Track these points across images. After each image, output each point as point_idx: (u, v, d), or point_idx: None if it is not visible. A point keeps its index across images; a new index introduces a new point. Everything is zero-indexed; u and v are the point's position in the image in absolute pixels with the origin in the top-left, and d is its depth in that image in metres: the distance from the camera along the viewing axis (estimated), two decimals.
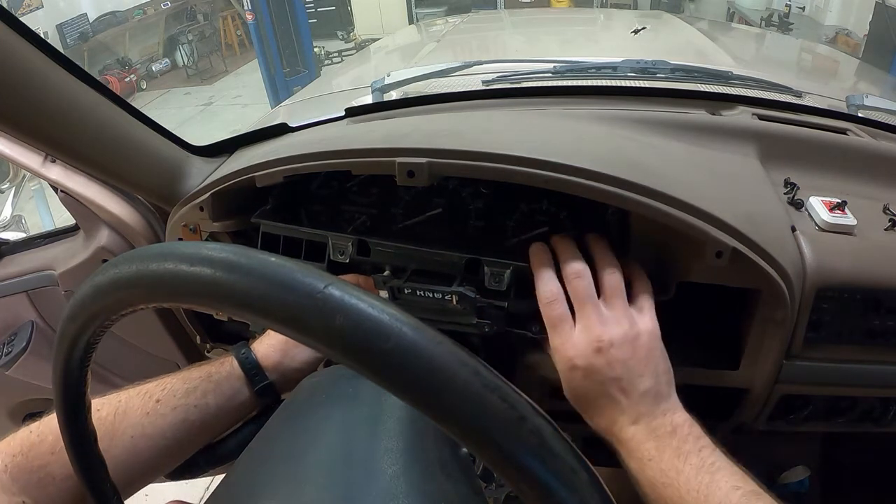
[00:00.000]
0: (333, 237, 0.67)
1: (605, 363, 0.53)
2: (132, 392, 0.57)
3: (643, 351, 0.54)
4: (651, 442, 0.51)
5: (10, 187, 2.41)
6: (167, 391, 0.57)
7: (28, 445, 0.51)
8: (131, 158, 0.74)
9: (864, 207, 0.69)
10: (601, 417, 0.55)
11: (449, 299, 0.61)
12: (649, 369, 0.54)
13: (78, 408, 0.38)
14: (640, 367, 0.53)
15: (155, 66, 8.10)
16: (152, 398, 0.56)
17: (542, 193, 0.57)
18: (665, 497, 0.49)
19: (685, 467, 0.48)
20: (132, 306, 0.32)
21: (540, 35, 2.35)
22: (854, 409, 0.69)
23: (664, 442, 0.51)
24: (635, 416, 0.52)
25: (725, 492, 0.46)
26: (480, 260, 0.62)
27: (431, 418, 0.26)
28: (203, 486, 1.88)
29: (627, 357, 0.53)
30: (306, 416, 0.50)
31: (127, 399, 0.56)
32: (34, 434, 0.52)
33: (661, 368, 0.55)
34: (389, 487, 0.40)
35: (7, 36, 0.55)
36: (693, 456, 0.49)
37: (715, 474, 0.47)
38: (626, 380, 0.53)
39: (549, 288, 0.56)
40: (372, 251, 0.66)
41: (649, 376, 0.53)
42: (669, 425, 0.52)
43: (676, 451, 0.50)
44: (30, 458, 0.50)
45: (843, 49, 4.75)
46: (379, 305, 0.26)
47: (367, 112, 0.94)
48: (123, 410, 0.55)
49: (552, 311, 0.56)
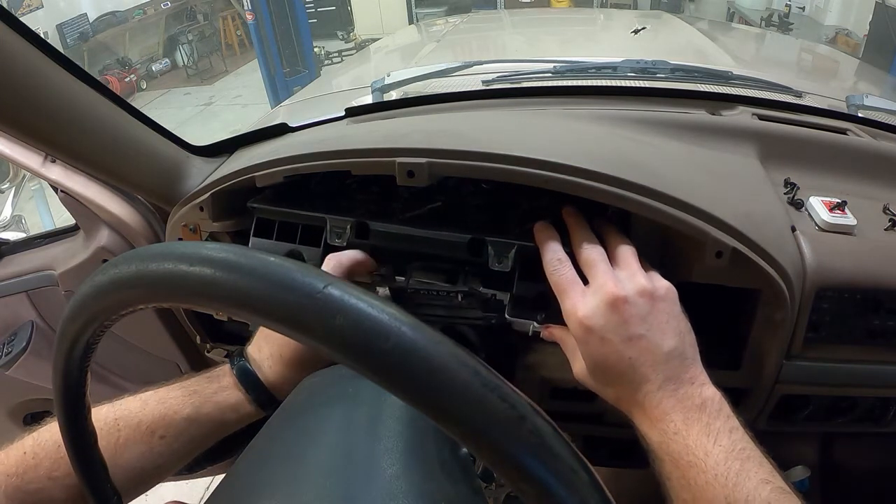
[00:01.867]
0: (331, 219, 0.65)
1: (621, 320, 0.48)
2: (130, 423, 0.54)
3: (663, 307, 0.50)
4: (678, 413, 0.46)
5: (10, 187, 2.41)
6: (168, 424, 0.55)
7: (23, 468, 0.50)
8: (131, 158, 0.74)
9: (864, 207, 0.69)
10: (622, 386, 0.49)
11: (454, 295, 0.61)
12: (671, 327, 0.49)
13: (78, 408, 0.38)
14: (662, 324, 0.49)
15: (155, 66, 8.11)
16: (155, 434, 0.54)
17: (542, 192, 0.57)
18: (688, 478, 0.44)
19: (714, 449, 0.44)
20: (132, 306, 0.32)
21: (540, 35, 2.35)
22: (854, 409, 0.69)
23: (692, 416, 0.46)
24: (661, 381, 0.48)
25: (755, 484, 0.42)
26: (484, 240, 0.60)
27: (431, 418, 0.26)
28: (203, 486, 1.88)
29: (646, 313, 0.49)
30: (306, 416, 0.50)
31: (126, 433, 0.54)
32: (29, 456, 0.51)
33: (684, 328, 0.50)
34: (389, 487, 0.40)
35: (7, 36, 0.55)
36: (723, 437, 0.45)
37: (745, 462, 0.43)
38: (647, 337, 0.48)
39: (557, 255, 0.53)
40: (371, 233, 0.64)
41: (672, 335, 0.49)
42: (699, 397, 0.47)
43: (706, 428, 0.45)
44: (25, 481, 0.50)
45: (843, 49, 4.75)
46: (379, 305, 0.26)
47: (367, 112, 0.94)
48: (124, 443, 0.54)
49: (561, 275, 0.52)
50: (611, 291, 0.49)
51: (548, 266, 0.53)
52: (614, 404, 0.51)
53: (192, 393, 0.57)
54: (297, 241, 0.68)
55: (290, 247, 0.66)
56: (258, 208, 0.70)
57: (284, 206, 0.68)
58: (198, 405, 0.56)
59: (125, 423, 0.54)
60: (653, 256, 0.61)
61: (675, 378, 0.48)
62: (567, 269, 0.52)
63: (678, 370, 0.48)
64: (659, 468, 0.47)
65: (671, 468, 0.46)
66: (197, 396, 0.57)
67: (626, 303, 0.48)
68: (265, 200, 0.70)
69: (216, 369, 0.61)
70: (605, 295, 0.49)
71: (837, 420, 0.70)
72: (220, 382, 0.59)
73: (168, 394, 0.57)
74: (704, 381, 0.48)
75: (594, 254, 0.52)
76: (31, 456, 0.51)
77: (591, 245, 0.53)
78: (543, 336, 0.60)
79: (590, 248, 0.53)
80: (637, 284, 0.50)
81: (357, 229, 0.64)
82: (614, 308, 0.48)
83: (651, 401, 0.48)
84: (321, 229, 0.66)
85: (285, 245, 0.67)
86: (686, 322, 0.51)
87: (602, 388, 0.52)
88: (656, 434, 0.47)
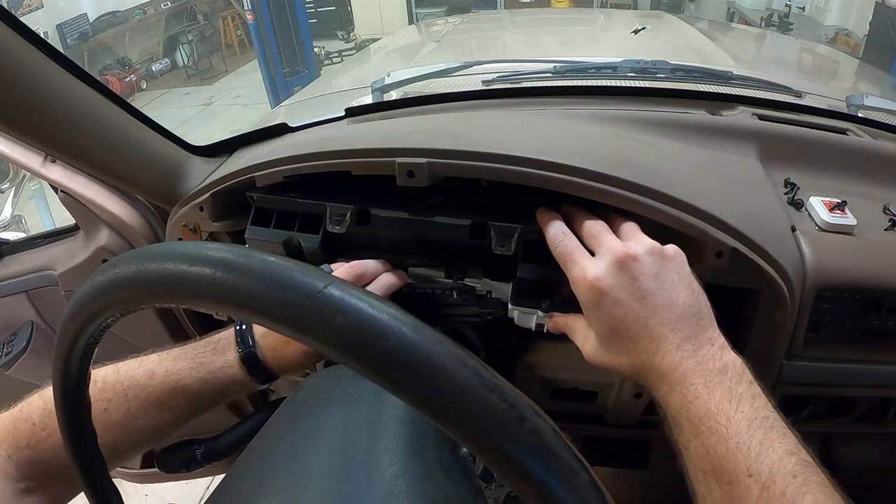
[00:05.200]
0: (332, 206, 0.64)
1: (632, 278, 0.46)
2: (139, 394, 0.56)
3: (673, 266, 0.48)
4: (699, 377, 0.44)
5: (10, 187, 2.41)
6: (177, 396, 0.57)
7: (35, 439, 0.51)
8: (131, 158, 0.74)
9: (864, 207, 0.69)
10: (637, 351, 0.47)
11: (449, 294, 0.61)
12: (684, 285, 0.47)
13: (78, 408, 0.38)
14: (674, 281, 0.47)
15: (155, 66, 8.10)
16: (163, 405, 0.56)
17: (542, 191, 0.57)
18: (708, 445, 0.41)
19: (737, 415, 0.41)
20: (132, 306, 0.32)
21: (540, 35, 2.35)
22: (854, 409, 0.69)
23: (714, 379, 0.43)
24: (678, 340, 0.45)
25: (780, 455, 0.39)
26: (486, 223, 0.60)
27: (431, 418, 0.26)
28: (203, 486, 1.89)
29: (657, 270, 0.47)
30: (307, 416, 0.50)
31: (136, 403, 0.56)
32: (38, 427, 0.52)
33: (697, 288, 0.48)
34: (389, 487, 0.40)
35: (7, 36, 0.55)
36: (746, 403, 0.42)
37: (769, 431, 0.40)
38: (660, 294, 0.46)
39: (560, 229, 0.52)
40: (372, 219, 0.63)
41: (686, 292, 0.47)
42: (719, 360, 0.44)
43: (728, 392, 0.42)
44: (37, 451, 0.51)
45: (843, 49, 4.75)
46: (379, 305, 0.26)
47: (367, 112, 0.94)
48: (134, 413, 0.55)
49: (565, 245, 0.51)
50: (619, 250, 0.48)
51: (552, 241, 0.52)
52: (631, 375, 0.49)
53: (198, 366, 0.58)
54: (296, 228, 0.66)
55: (289, 234, 0.66)
56: (257, 197, 0.69)
57: (283, 195, 0.68)
58: (205, 380, 0.57)
59: (134, 394, 0.55)
60: None
61: (693, 338, 0.45)
62: (571, 240, 0.51)
63: (696, 329, 0.46)
64: (677, 436, 0.45)
65: (690, 435, 0.43)
66: (204, 371, 0.57)
67: (636, 260, 0.47)
68: (264, 190, 0.70)
69: (221, 337, 0.60)
70: (613, 255, 0.47)
71: (837, 420, 0.70)
72: (226, 356, 0.59)
73: (175, 365, 0.57)
74: (724, 344, 0.46)
75: (597, 226, 0.51)
76: (40, 427, 0.51)
77: (593, 220, 0.52)
78: (549, 328, 0.59)
79: (592, 222, 0.52)
80: (644, 244, 0.48)
81: (357, 216, 0.64)
82: (624, 267, 0.47)
83: (670, 362, 0.45)
84: (320, 217, 0.65)
85: (283, 233, 0.66)
86: (699, 283, 0.49)
87: (616, 359, 0.49)
88: (675, 398, 0.44)
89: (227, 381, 0.58)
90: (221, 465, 0.62)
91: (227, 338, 0.60)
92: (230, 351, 0.59)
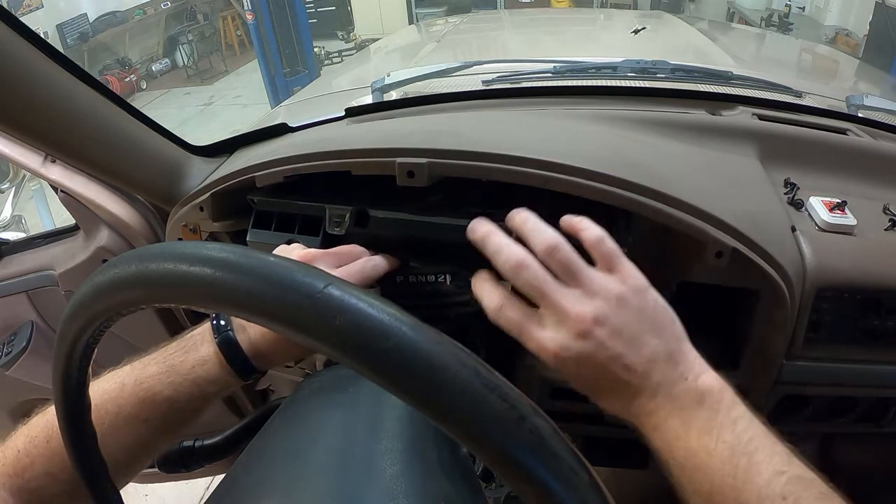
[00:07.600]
0: (331, 208, 0.65)
1: (595, 346, 0.44)
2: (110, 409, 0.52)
3: (634, 311, 0.45)
4: (675, 418, 0.43)
5: (10, 187, 2.41)
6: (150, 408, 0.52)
7: (21, 468, 0.50)
8: (131, 158, 0.74)
9: (864, 207, 0.69)
10: (615, 401, 0.46)
11: (442, 280, 0.61)
12: (648, 327, 0.45)
13: (78, 408, 0.38)
14: (638, 330, 0.45)
15: (155, 66, 8.10)
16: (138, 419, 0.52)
17: (543, 191, 0.57)
18: (696, 482, 0.41)
19: (717, 446, 0.41)
20: (132, 306, 0.32)
21: (540, 35, 2.35)
22: (854, 409, 0.69)
23: (690, 415, 0.43)
24: (653, 388, 0.44)
25: (767, 478, 0.39)
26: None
27: (431, 418, 0.26)
28: (203, 486, 1.89)
29: (620, 327, 0.44)
30: (306, 416, 0.50)
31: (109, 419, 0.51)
32: (23, 454, 0.50)
33: (664, 321, 0.46)
34: (389, 487, 0.40)
35: (7, 36, 0.55)
36: (726, 431, 0.41)
37: (754, 455, 0.40)
38: (626, 354, 0.44)
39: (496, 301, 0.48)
40: (371, 220, 0.64)
41: (652, 335, 0.45)
42: (694, 392, 0.43)
43: (706, 425, 0.42)
44: (25, 480, 0.50)
45: (843, 49, 4.75)
46: (379, 305, 0.26)
47: (367, 112, 0.94)
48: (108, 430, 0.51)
49: (506, 318, 0.47)
50: (573, 319, 0.44)
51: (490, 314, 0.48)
52: (611, 413, 0.48)
53: (168, 370, 0.53)
54: (296, 231, 0.67)
55: (289, 237, 0.66)
56: (257, 200, 0.70)
57: (283, 197, 0.68)
58: (176, 384, 0.52)
59: (105, 410, 0.51)
60: (653, 256, 0.61)
61: (666, 380, 0.45)
62: (510, 310, 0.47)
63: (667, 370, 0.45)
64: (668, 473, 0.45)
65: (679, 474, 0.43)
66: (174, 374, 0.53)
67: (596, 324, 0.44)
68: (264, 193, 0.70)
69: (193, 334, 0.55)
70: (568, 325, 0.45)
71: (837, 420, 0.70)
72: (199, 352, 0.54)
73: (144, 372, 0.53)
74: (699, 370, 0.45)
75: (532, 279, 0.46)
76: (24, 454, 0.50)
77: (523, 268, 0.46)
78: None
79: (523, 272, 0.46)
80: (599, 300, 0.45)
81: (357, 217, 0.64)
82: (584, 336, 0.44)
83: (647, 408, 0.45)
84: (320, 218, 0.65)
85: (284, 235, 0.66)
86: (664, 311, 0.47)
87: (595, 400, 0.49)
88: (657, 442, 0.45)
89: (200, 383, 0.53)
90: (221, 465, 0.62)
91: (201, 332, 0.55)
92: (204, 345, 0.54)
